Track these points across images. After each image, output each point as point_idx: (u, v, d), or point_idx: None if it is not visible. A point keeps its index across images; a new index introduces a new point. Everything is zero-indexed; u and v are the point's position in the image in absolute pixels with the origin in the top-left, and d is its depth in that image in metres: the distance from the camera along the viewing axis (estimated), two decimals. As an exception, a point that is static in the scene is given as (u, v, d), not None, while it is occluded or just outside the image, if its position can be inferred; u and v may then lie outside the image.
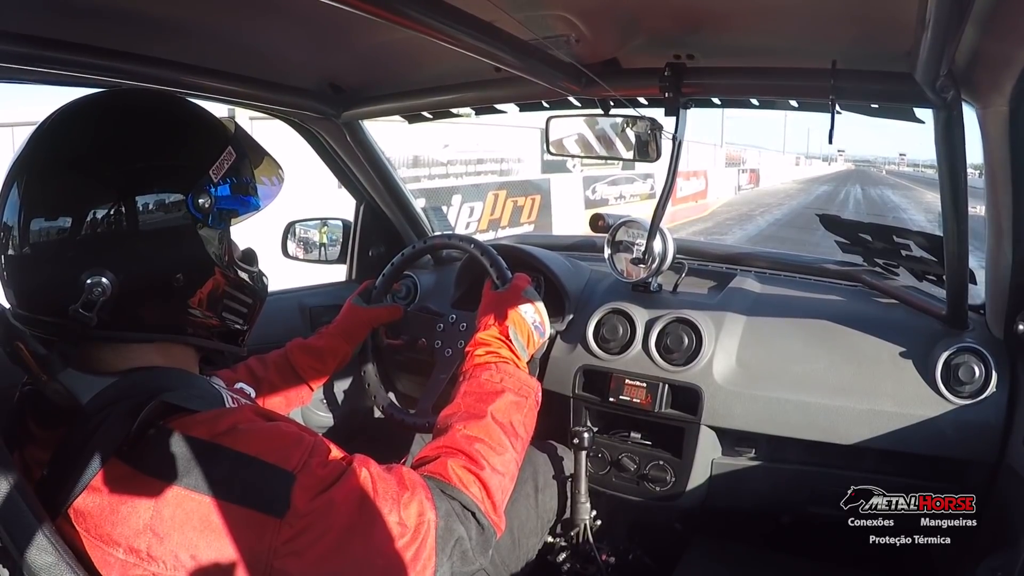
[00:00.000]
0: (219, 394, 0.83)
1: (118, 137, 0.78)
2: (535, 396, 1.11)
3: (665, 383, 1.49)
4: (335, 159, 1.84)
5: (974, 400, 1.31)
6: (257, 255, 0.95)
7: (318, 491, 0.74)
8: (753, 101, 1.34)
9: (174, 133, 0.83)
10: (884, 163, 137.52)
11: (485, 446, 0.95)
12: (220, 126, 0.86)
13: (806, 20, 1.05)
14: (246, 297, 0.90)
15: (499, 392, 1.05)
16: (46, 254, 0.75)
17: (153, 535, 0.68)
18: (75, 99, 0.82)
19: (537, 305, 1.26)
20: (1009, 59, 0.89)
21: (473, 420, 0.99)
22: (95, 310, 0.73)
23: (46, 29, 1.01)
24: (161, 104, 0.87)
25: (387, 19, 0.84)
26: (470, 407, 1.02)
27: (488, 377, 1.08)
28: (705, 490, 1.50)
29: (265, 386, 1.31)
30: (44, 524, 0.66)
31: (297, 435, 0.78)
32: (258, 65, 1.36)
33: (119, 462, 0.70)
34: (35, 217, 0.74)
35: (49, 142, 0.78)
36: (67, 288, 0.73)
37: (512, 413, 1.04)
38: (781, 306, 1.58)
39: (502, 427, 1.00)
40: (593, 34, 1.14)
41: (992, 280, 1.28)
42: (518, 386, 1.08)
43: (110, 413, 0.71)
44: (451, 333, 1.49)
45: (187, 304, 0.82)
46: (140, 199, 0.76)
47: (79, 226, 0.74)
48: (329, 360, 1.41)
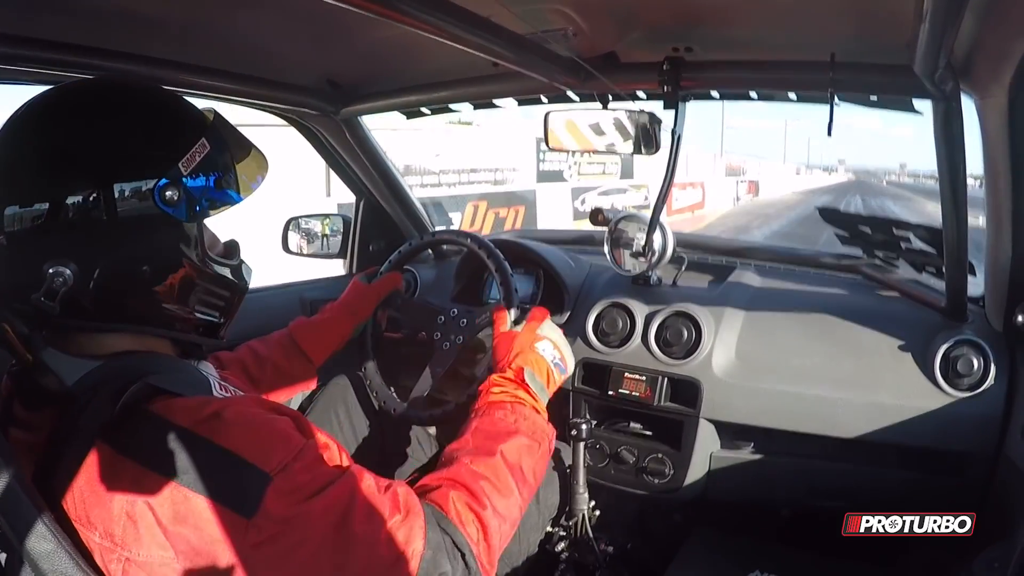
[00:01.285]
0: (206, 380, 0.81)
1: (87, 127, 0.77)
2: (548, 443, 1.06)
3: (664, 376, 1.50)
4: (334, 155, 1.84)
5: (973, 392, 1.31)
6: (239, 247, 0.93)
7: (296, 498, 0.71)
8: (752, 94, 1.34)
9: (145, 122, 0.80)
10: (884, 174, 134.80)
11: (491, 485, 0.90)
12: (195, 117, 0.84)
13: (804, 13, 1.04)
14: (221, 290, 0.88)
15: (512, 433, 1.00)
16: (13, 244, 0.75)
17: (128, 519, 0.68)
18: (48, 88, 0.80)
19: (556, 340, 1.22)
20: (1007, 50, 0.88)
21: (482, 457, 0.94)
22: (57, 299, 0.72)
23: (41, 30, 1.01)
24: (135, 93, 0.84)
25: (384, 15, 0.84)
26: (480, 444, 0.97)
27: (502, 416, 1.04)
28: (704, 483, 1.50)
29: (269, 366, 1.30)
30: (42, 511, 0.66)
31: (284, 434, 0.75)
32: (256, 62, 1.36)
33: (104, 444, 0.69)
34: (8, 206, 0.74)
35: (19, 132, 0.77)
36: (31, 276, 0.73)
37: (523, 456, 0.98)
38: (780, 299, 1.59)
39: (511, 469, 0.95)
40: (591, 28, 1.14)
41: (991, 272, 1.28)
42: (532, 430, 1.03)
43: (96, 396, 0.71)
44: (451, 327, 1.50)
45: (155, 296, 0.81)
46: (107, 189, 0.75)
47: (47, 215, 0.73)
48: (333, 336, 1.41)
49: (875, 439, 1.34)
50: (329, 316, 1.43)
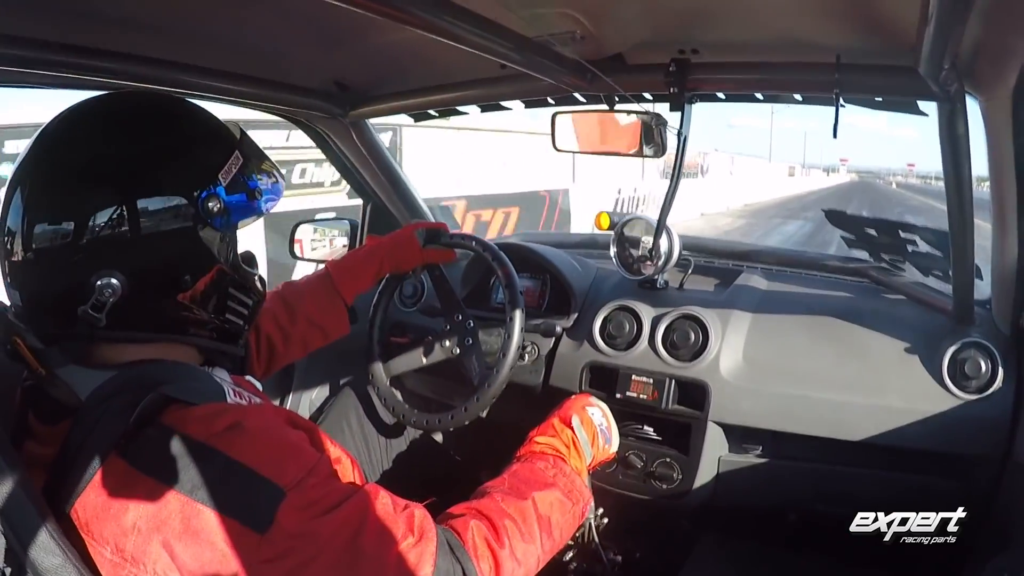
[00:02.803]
0: (220, 387, 0.81)
1: (126, 140, 0.79)
2: (583, 506, 1.05)
3: (672, 379, 1.50)
4: (341, 158, 1.85)
5: (981, 395, 1.31)
6: (255, 257, 0.96)
7: (310, 514, 0.71)
8: (758, 96, 1.35)
9: (184, 136, 0.84)
10: (888, 174, 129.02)
11: (515, 527, 0.89)
12: (228, 131, 0.87)
13: (809, 15, 1.05)
14: (247, 298, 0.91)
15: (549, 485, 1.00)
16: (54, 258, 0.76)
17: (138, 534, 0.67)
18: (79, 102, 0.82)
19: (606, 411, 1.26)
20: (1013, 50, 0.89)
21: (513, 498, 0.93)
22: (104, 311, 0.74)
23: (48, 32, 1.02)
24: (172, 107, 0.87)
25: (393, 18, 0.85)
26: (514, 486, 0.97)
27: (543, 468, 1.04)
28: (712, 487, 1.50)
29: (301, 318, 1.30)
30: (50, 524, 0.66)
31: (299, 448, 0.75)
32: (263, 65, 1.37)
33: (117, 457, 0.69)
34: (40, 223, 0.75)
35: (53, 146, 0.78)
36: (77, 290, 0.74)
37: (555, 510, 0.97)
38: (787, 302, 1.58)
39: (539, 518, 0.93)
40: (598, 30, 1.14)
41: (998, 275, 1.28)
42: (569, 488, 1.02)
43: (109, 408, 0.71)
44: (459, 331, 1.50)
45: (193, 304, 0.83)
46: (149, 201, 0.77)
47: (87, 230, 0.75)
48: (368, 275, 1.42)
49: (883, 442, 1.34)
50: (369, 254, 1.44)
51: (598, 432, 1.20)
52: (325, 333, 1.35)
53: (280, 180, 0.93)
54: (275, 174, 0.92)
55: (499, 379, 1.39)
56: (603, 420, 1.23)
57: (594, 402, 1.26)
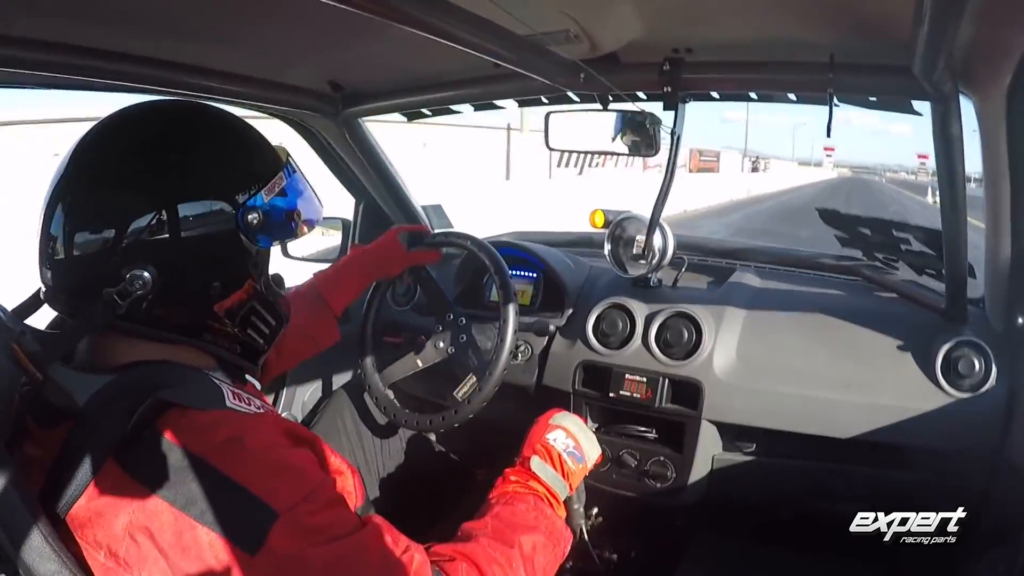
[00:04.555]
0: (219, 389, 0.80)
1: (172, 148, 0.79)
2: (564, 546, 1.05)
3: (665, 377, 1.50)
4: (334, 157, 1.84)
5: (974, 393, 1.31)
6: (284, 280, 0.97)
7: (306, 542, 0.70)
8: (752, 95, 1.35)
9: (233, 147, 0.84)
10: (884, 169, 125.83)
11: (502, 572, 0.90)
12: (274, 150, 0.89)
13: (804, 14, 1.05)
14: (271, 318, 0.91)
15: (532, 528, 1.00)
16: (93, 260, 0.76)
17: (131, 541, 0.67)
18: (117, 111, 0.82)
19: (570, 427, 1.16)
20: (1006, 50, 0.89)
21: (500, 544, 0.94)
22: (127, 299, 0.75)
23: (42, 32, 1.01)
24: (219, 117, 0.87)
25: (386, 17, 0.85)
26: (499, 530, 0.97)
27: (524, 510, 1.03)
28: (706, 486, 1.50)
29: (292, 328, 1.29)
30: (47, 530, 0.65)
31: (297, 471, 0.74)
32: (257, 64, 1.36)
33: (113, 463, 0.69)
34: (81, 231, 0.76)
35: (93, 155, 0.79)
36: (109, 280, 0.75)
37: (538, 553, 0.98)
38: (781, 300, 1.59)
39: (525, 561, 0.94)
40: (591, 29, 1.14)
41: (991, 273, 1.29)
42: (551, 530, 1.02)
43: (107, 412, 0.70)
44: (452, 330, 1.50)
45: (217, 312, 0.83)
46: (191, 206, 0.78)
47: (127, 235, 0.75)
48: (354, 284, 1.42)
49: (876, 440, 1.34)
50: (354, 263, 1.44)
51: (564, 458, 1.13)
52: (316, 342, 1.35)
53: (319, 205, 0.93)
54: (315, 199, 0.93)
55: (493, 379, 1.39)
56: (568, 440, 1.15)
57: (555, 423, 1.17)
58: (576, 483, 1.15)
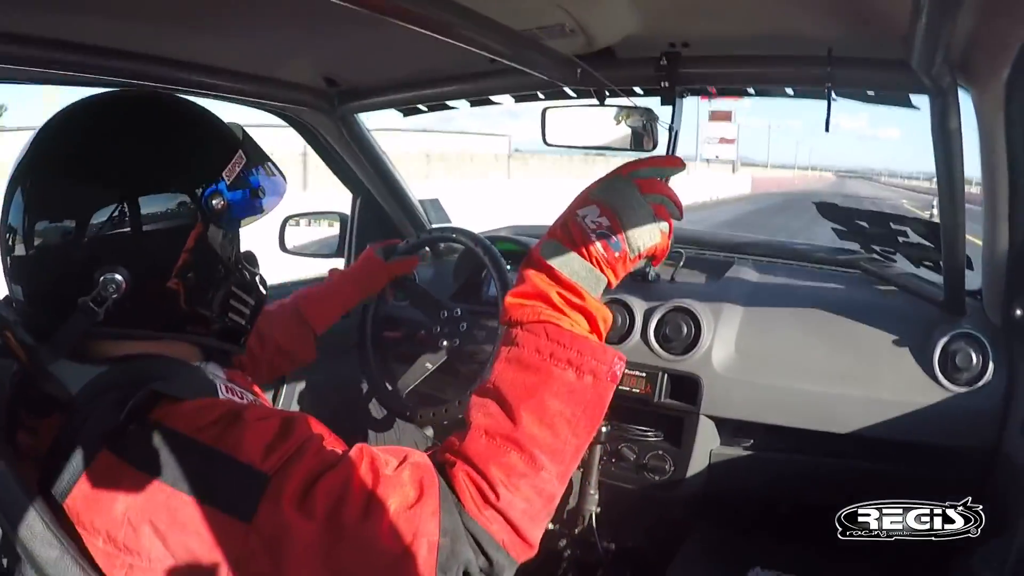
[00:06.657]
0: (212, 382, 0.81)
1: (128, 138, 0.79)
2: (608, 372, 0.76)
3: (664, 372, 1.50)
4: (331, 153, 1.84)
5: (971, 387, 1.31)
6: (257, 257, 0.95)
7: (299, 494, 0.67)
8: (749, 90, 1.34)
9: (188, 134, 0.84)
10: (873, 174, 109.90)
11: (505, 467, 0.72)
12: (230, 130, 0.87)
13: (801, 7, 1.04)
14: (250, 298, 0.91)
15: (544, 380, 0.74)
16: (56, 254, 0.76)
17: (129, 525, 0.68)
18: (78, 100, 0.81)
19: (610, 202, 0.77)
20: (1004, 43, 0.88)
21: (500, 424, 0.74)
22: (104, 306, 0.74)
23: (36, 28, 1.01)
24: (174, 106, 0.87)
25: (381, 12, 0.84)
26: (502, 400, 0.75)
27: (537, 348, 0.75)
28: (704, 479, 1.51)
29: (270, 344, 1.31)
30: (46, 516, 0.66)
31: (281, 431, 0.71)
32: (252, 60, 1.35)
33: (108, 452, 0.69)
34: (41, 220, 0.75)
35: (53, 144, 0.78)
36: (79, 284, 0.74)
37: (558, 414, 0.74)
38: (779, 294, 1.59)
39: (533, 440, 0.73)
40: (587, 24, 1.13)
41: (989, 266, 1.29)
42: (579, 360, 0.74)
43: (101, 402, 0.71)
44: (451, 325, 1.49)
45: (196, 303, 0.83)
46: (151, 199, 0.77)
47: (89, 227, 0.74)
48: (337, 306, 1.43)
49: (874, 434, 1.34)
50: (337, 285, 1.45)
51: (591, 237, 0.77)
52: (292, 360, 1.36)
53: (282, 179, 0.93)
54: (277, 173, 0.92)
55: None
56: (602, 219, 0.77)
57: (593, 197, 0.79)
58: (617, 274, 0.78)
